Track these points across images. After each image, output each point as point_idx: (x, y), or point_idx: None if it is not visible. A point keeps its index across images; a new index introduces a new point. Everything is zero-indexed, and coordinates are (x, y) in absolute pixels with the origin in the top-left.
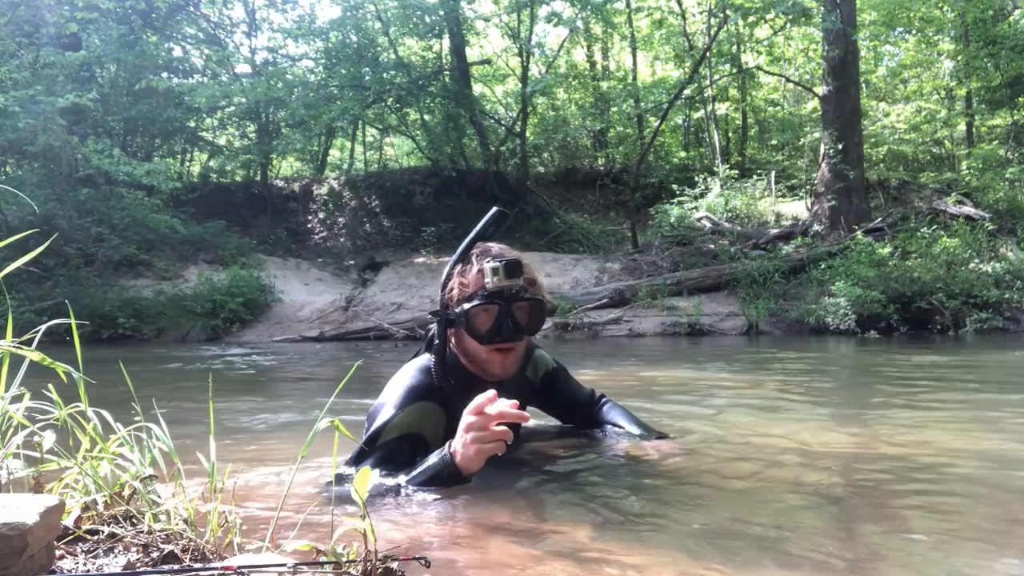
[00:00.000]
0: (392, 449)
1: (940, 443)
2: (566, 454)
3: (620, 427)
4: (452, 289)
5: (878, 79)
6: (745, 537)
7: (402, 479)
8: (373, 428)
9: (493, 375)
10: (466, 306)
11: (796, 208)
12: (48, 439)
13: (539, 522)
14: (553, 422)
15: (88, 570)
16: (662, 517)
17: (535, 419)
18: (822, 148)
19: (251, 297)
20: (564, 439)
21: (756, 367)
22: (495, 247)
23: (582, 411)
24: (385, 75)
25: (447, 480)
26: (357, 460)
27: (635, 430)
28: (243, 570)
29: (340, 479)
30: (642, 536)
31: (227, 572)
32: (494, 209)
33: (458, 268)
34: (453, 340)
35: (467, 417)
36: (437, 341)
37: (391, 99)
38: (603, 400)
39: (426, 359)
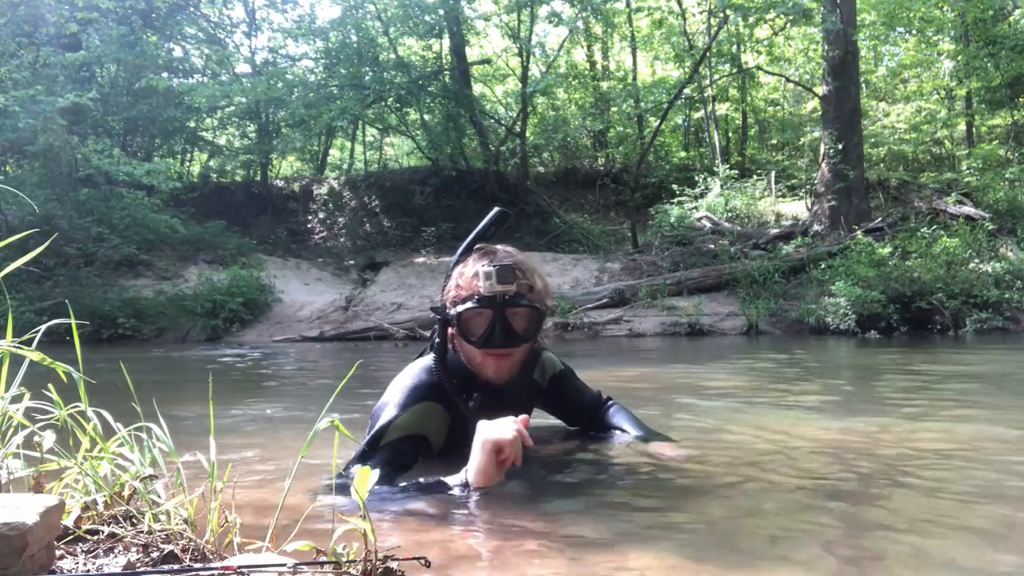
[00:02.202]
0: (395, 450)
1: (941, 443)
2: (568, 455)
3: (624, 430)
4: (450, 290)
5: (878, 79)
6: (746, 538)
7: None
8: (376, 428)
9: (487, 379)
10: (459, 308)
11: (796, 208)
12: (48, 439)
13: (540, 522)
14: (556, 423)
15: (88, 570)
16: (663, 518)
17: (539, 419)
18: (822, 148)
19: (251, 297)
20: (567, 441)
21: (756, 367)
22: (500, 249)
23: (588, 414)
24: (385, 75)
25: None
26: (360, 461)
27: (639, 433)
28: (243, 570)
29: (341, 479)
30: (643, 537)
31: (227, 572)
32: (496, 209)
33: (458, 268)
34: (454, 340)
35: (487, 452)
36: (438, 339)
37: (391, 99)
38: (609, 403)
39: (429, 359)
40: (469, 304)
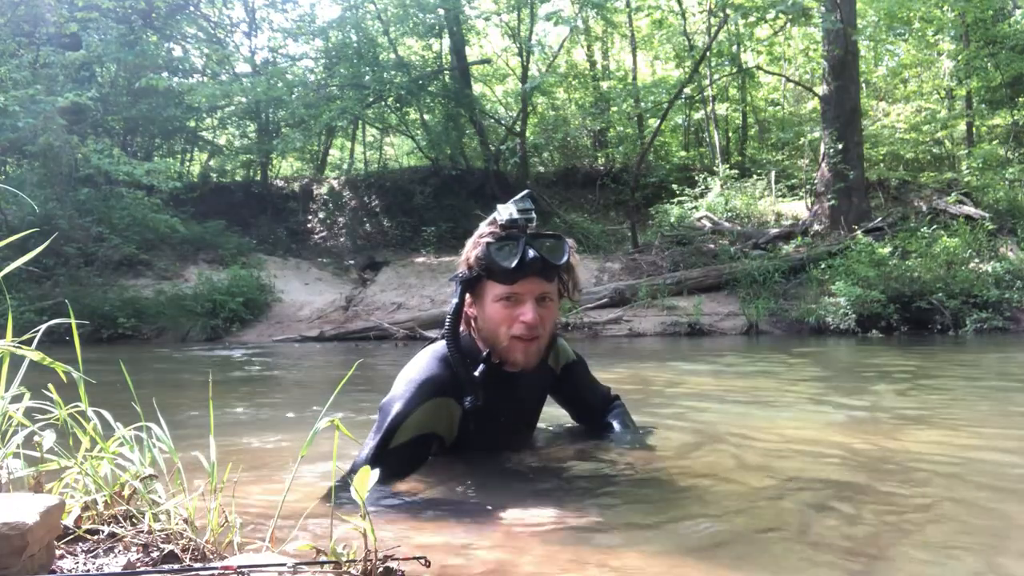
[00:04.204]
0: (406, 451)
1: (940, 443)
2: (569, 457)
3: (610, 433)
4: (468, 250)
5: (878, 79)
6: (744, 539)
7: None
8: (387, 425)
9: (515, 365)
10: (485, 241)
11: (796, 208)
12: (48, 439)
13: (539, 522)
14: (557, 423)
15: (88, 570)
16: (662, 519)
17: (542, 422)
18: (822, 148)
19: (251, 297)
20: (567, 443)
21: (756, 367)
22: None
23: (594, 411)
24: (385, 75)
25: None
26: (371, 462)
27: (618, 436)
28: (243, 570)
29: (343, 479)
30: (642, 537)
31: (227, 572)
32: (525, 191)
33: (471, 238)
34: (473, 323)
35: None
36: (455, 301)
37: (391, 99)
38: (614, 405)
39: (442, 345)
40: (495, 236)
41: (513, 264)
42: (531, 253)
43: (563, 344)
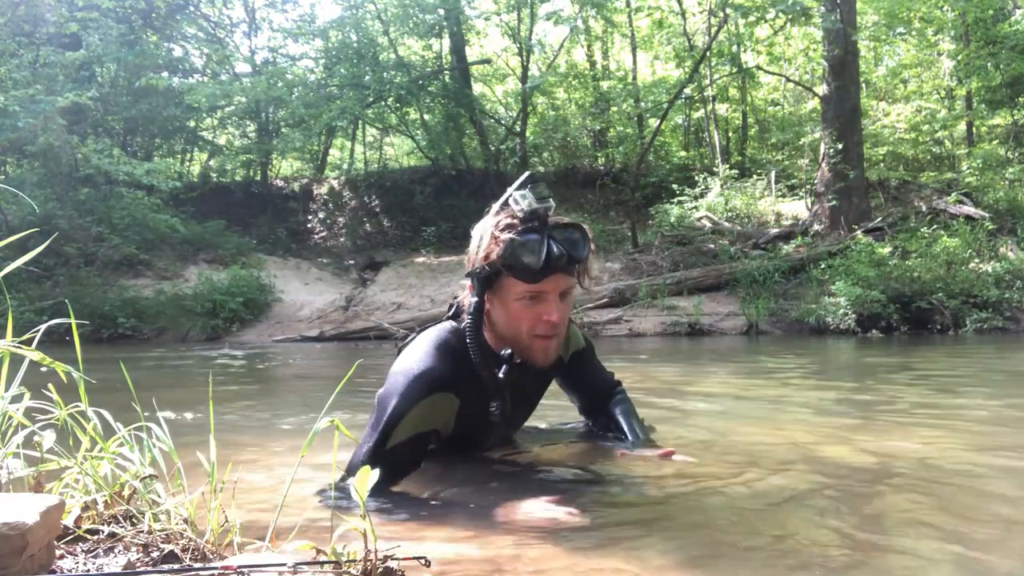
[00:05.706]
0: (405, 449)
1: (940, 444)
2: (570, 457)
3: (619, 430)
4: (481, 243)
5: (878, 79)
6: (744, 540)
7: None
8: (384, 424)
9: (535, 363)
10: (509, 237)
11: (796, 208)
12: (48, 439)
13: (539, 522)
14: (558, 422)
15: (88, 570)
16: (662, 519)
17: (543, 422)
18: (822, 148)
19: (251, 297)
20: (569, 443)
21: (756, 367)
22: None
23: (599, 398)
24: (385, 75)
25: None
26: (369, 462)
27: (630, 437)
28: (243, 570)
29: (343, 479)
30: (643, 538)
31: (227, 572)
32: (527, 174)
33: (480, 227)
34: (486, 318)
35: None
36: (475, 299)
37: (391, 99)
38: (618, 393)
39: (447, 331)
40: (515, 231)
41: (540, 263)
42: (556, 249)
43: (574, 330)
